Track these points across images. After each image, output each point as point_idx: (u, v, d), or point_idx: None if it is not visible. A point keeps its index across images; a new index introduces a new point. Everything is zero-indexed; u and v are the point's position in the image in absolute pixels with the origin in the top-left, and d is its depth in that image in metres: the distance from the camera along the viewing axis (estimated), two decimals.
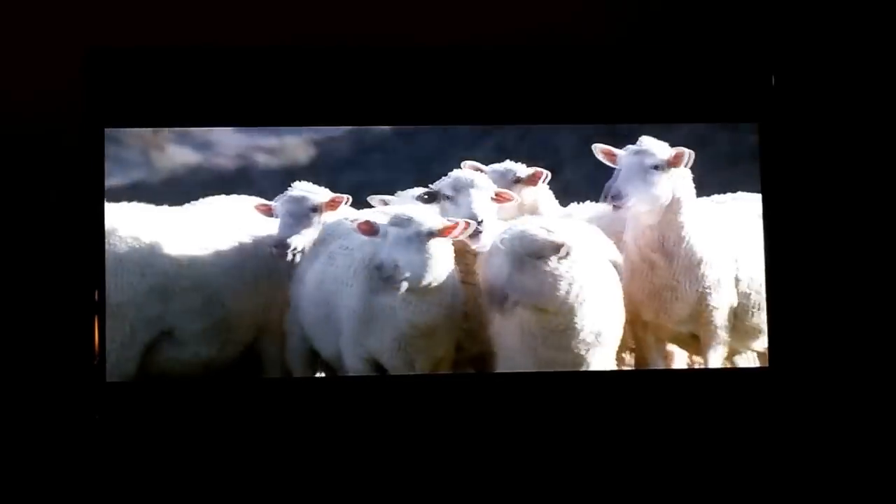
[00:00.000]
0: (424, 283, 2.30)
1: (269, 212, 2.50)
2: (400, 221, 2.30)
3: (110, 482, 2.27)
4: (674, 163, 2.45)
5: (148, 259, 2.40)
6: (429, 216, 2.33)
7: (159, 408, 2.29)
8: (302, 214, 2.48)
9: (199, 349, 2.45)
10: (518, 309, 2.28)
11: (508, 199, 2.44)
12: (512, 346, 2.35)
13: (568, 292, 2.29)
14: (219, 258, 2.49)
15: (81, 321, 2.25)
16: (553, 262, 2.27)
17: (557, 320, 2.31)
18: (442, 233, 2.29)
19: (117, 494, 2.27)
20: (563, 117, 2.49)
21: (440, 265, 2.30)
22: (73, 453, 2.29)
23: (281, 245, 2.45)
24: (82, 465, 2.28)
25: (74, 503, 2.29)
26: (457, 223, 2.31)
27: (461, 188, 2.41)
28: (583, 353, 2.34)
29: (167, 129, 2.45)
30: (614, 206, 2.44)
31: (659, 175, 2.44)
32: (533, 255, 2.26)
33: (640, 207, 2.45)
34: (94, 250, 2.23)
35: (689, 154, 2.44)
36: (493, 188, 2.43)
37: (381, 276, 2.26)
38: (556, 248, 2.27)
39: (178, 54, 2.29)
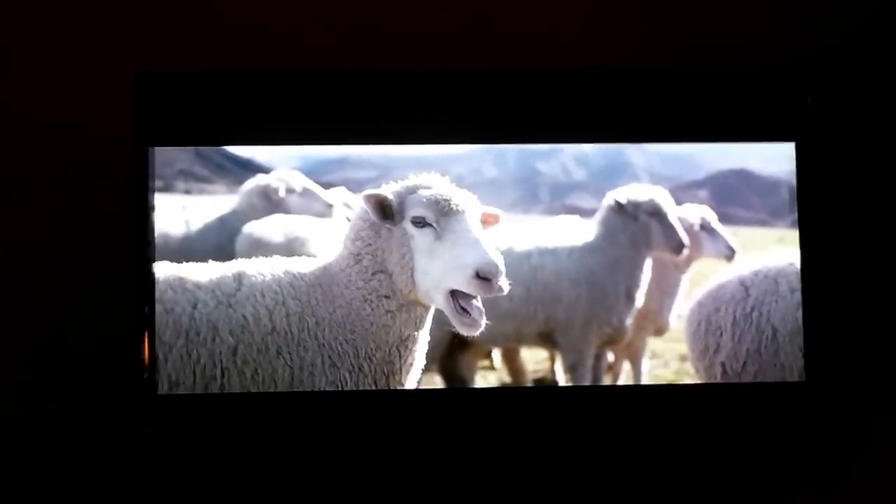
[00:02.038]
0: None
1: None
2: None
3: (161, 495, 2.31)
4: None
5: None
6: None
7: (211, 421, 2.30)
8: None
9: None
10: None
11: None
12: None
13: None
14: None
15: (133, 335, 2.26)
16: None
17: None
18: None
19: None
20: (618, 137, 2.47)
21: None
22: (124, 466, 2.33)
23: None
24: (132, 478, 2.32)
25: None
26: None
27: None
28: None
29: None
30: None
31: None
32: None
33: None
34: (142, 266, 2.27)
35: None
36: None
37: None
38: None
39: (215, 76, 2.35)
